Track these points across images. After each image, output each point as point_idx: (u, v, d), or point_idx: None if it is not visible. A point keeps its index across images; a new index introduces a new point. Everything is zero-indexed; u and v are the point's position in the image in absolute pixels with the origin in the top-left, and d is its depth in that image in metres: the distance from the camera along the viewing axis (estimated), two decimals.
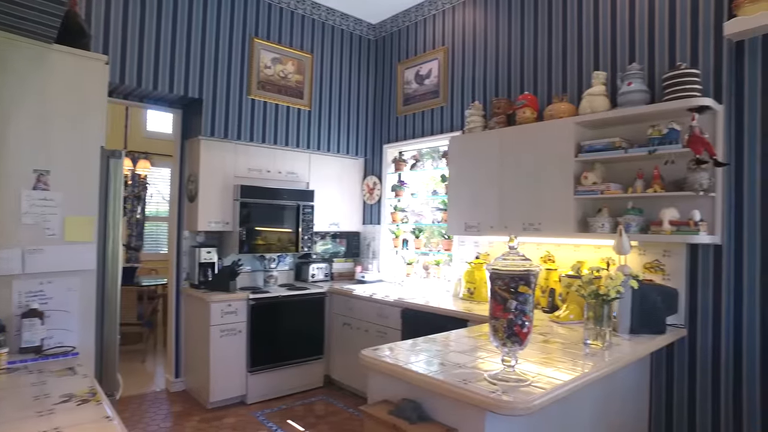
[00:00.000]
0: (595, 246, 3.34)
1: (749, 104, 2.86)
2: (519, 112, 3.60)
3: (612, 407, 2.64)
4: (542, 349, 2.35)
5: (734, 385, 2.83)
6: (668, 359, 3.02)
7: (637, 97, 3.00)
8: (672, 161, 2.89)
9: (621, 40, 3.32)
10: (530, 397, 1.65)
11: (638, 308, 2.66)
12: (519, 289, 1.69)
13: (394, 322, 3.93)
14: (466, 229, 3.81)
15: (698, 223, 2.71)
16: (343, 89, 5.16)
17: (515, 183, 3.47)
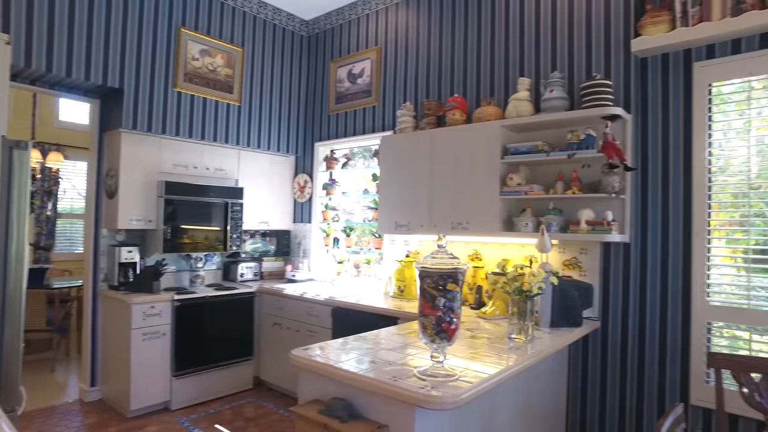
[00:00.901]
0: (519, 244, 3.51)
1: (652, 115, 3.13)
2: (449, 113, 3.70)
3: (534, 396, 2.79)
4: (470, 344, 2.43)
5: (638, 367, 3.10)
6: (584, 349, 3.24)
7: (558, 104, 3.18)
8: (588, 165, 3.10)
9: (544, 50, 3.50)
10: (458, 391, 1.71)
11: (558, 303, 2.82)
12: (447, 287, 1.74)
13: (324, 321, 3.92)
14: (397, 228, 3.86)
15: (610, 223, 2.93)
16: (274, 85, 5.06)
17: (445, 183, 3.56)
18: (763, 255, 2.84)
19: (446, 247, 1.83)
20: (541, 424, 2.91)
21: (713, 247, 2.96)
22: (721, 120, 2.96)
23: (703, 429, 2.89)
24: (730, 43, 2.90)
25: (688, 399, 2.94)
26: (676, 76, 3.06)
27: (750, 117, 2.90)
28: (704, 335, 2.92)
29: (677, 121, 3.05)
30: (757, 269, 2.87)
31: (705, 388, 2.86)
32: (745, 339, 2.89)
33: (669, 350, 3.01)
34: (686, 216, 2.99)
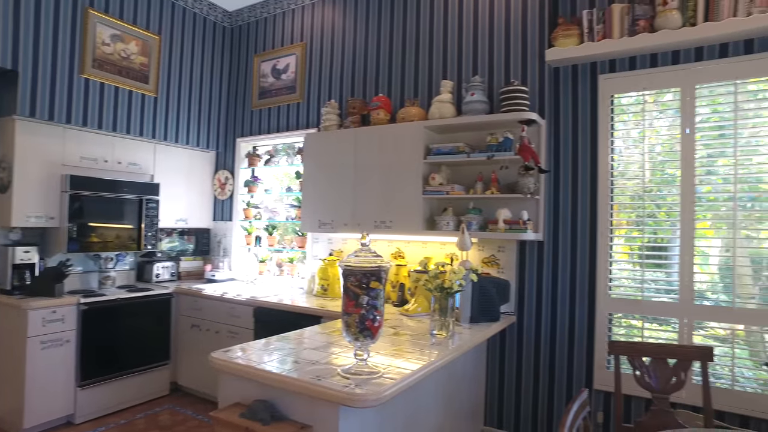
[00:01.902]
0: (441, 243, 3.61)
1: (563, 121, 3.35)
2: (373, 113, 3.73)
3: (455, 390, 2.89)
4: (393, 341, 2.47)
5: (550, 357, 3.31)
6: (501, 342, 3.40)
7: (479, 107, 3.31)
8: (506, 167, 3.26)
9: (466, 54, 3.63)
10: (381, 389, 1.73)
11: (477, 299, 2.95)
12: (370, 285, 1.76)
13: (246, 322, 3.82)
14: (320, 227, 3.84)
15: (526, 222, 3.10)
16: (194, 77, 4.83)
17: (368, 182, 3.59)
18: (654, 252, 3.14)
19: (369, 246, 1.85)
20: (461, 415, 3.03)
21: (614, 244, 3.22)
22: (621, 129, 3.23)
23: (604, 410, 3.14)
24: (627, 60, 3.17)
25: (592, 384, 3.18)
26: (584, 86, 3.30)
27: (644, 127, 3.18)
28: (606, 325, 3.17)
29: (585, 127, 3.28)
30: (649, 264, 3.16)
31: (606, 374, 3.11)
32: (638, 327, 3.17)
33: (576, 340, 3.25)
34: (592, 216, 3.23)
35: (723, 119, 2.96)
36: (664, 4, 2.94)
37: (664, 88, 3.10)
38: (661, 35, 2.94)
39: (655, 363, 2.38)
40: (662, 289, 3.09)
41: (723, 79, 2.92)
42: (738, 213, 2.88)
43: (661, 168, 3.16)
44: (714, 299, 2.99)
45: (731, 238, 2.89)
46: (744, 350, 2.94)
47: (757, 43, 2.85)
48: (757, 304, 2.86)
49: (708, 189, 2.99)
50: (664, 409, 2.31)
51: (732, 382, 2.86)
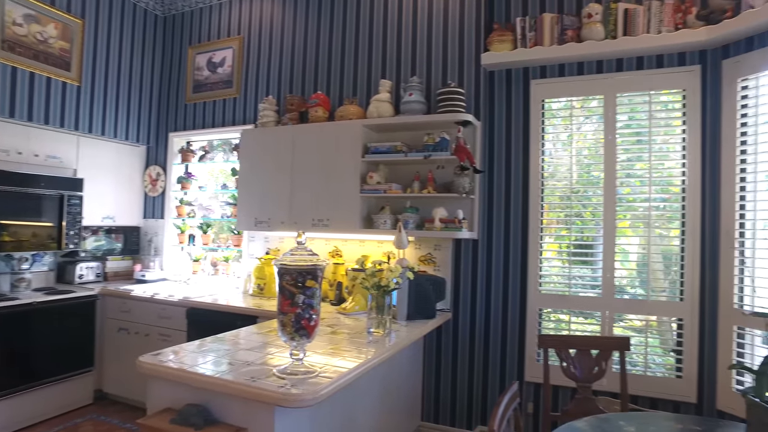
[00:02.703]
0: (378, 241, 3.64)
1: (498, 123, 3.47)
2: (312, 110, 3.70)
3: (392, 386, 2.92)
4: (330, 340, 2.46)
5: (484, 352, 3.42)
6: (437, 339, 3.47)
7: (416, 107, 3.36)
8: (442, 166, 3.33)
9: (405, 55, 3.67)
10: (317, 388, 1.72)
11: (414, 297, 2.99)
12: (306, 284, 1.75)
13: (178, 324, 3.67)
14: (257, 225, 3.77)
15: (461, 221, 3.18)
16: (123, 66, 4.58)
17: (306, 180, 3.56)
18: (580, 249, 3.32)
19: (306, 244, 1.83)
20: (399, 411, 3.07)
21: (545, 242, 3.38)
22: (551, 132, 3.39)
23: (534, 401, 3.29)
24: (557, 67, 3.33)
25: (523, 376, 3.32)
26: (517, 90, 3.43)
27: (572, 131, 3.36)
28: (537, 320, 3.32)
29: (518, 130, 3.41)
30: (576, 261, 3.34)
31: (536, 366, 3.25)
32: (566, 321, 3.35)
33: (509, 335, 3.38)
34: (524, 215, 3.37)
35: (640, 126, 3.18)
36: (589, 17, 3.12)
37: (589, 95, 3.28)
38: (586, 45, 3.12)
39: (580, 354, 2.52)
40: (588, 285, 3.28)
41: (639, 89, 3.14)
42: (652, 213, 3.10)
43: (587, 170, 3.34)
44: (632, 293, 3.21)
45: (646, 237, 3.12)
46: (656, 339, 3.19)
47: (666, 59, 3.09)
48: (667, 296, 3.11)
49: (627, 191, 3.20)
50: (587, 397, 2.45)
51: (645, 368, 3.09)
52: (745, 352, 2.80)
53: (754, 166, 2.81)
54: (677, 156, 3.07)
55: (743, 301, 2.83)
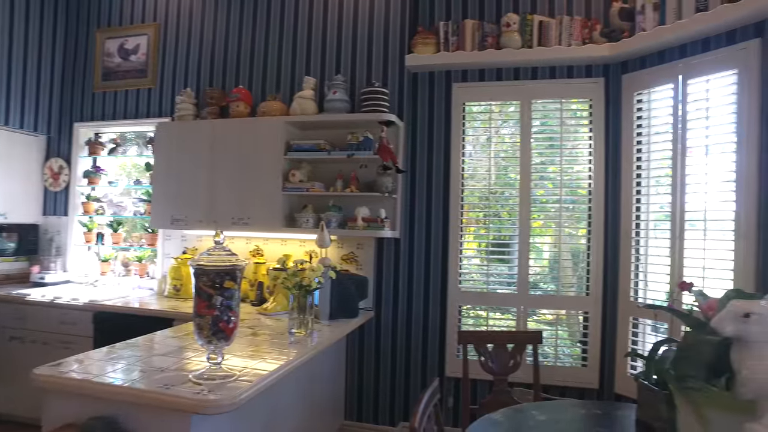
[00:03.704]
0: (300, 240, 3.59)
1: (420, 124, 3.54)
2: (233, 105, 3.58)
3: (315, 387, 2.89)
4: (250, 342, 2.40)
5: (406, 349, 3.48)
6: (360, 338, 3.49)
7: (340, 106, 3.35)
8: (365, 165, 3.34)
9: (329, 53, 3.64)
10: (236, 392, 1.67)
11: (336, 296, 2.98)
12: (225, 285, 1.69)
13: (84, 330, 3.40)
14: (173, 223, 3.58)
15: (384, 220, 3.22)
16: (16, 47, 4.14)
17: (226, 176, 3.44)
18: (497, 248, 3.48)
19: (224, 244, 1.77)
20: (322, 411, 3.05)
21: (464, 241, 3.50)
22: (472, 134, 3.52)
23: (454, 395, 3.40)
24: (478, 71, 3.46)
25: (444, 372, 3.41)
26: (439, 92, 3.52)
27: (491, 134, 3.50)
28: (457, 317, 3.43)
29: (440, 131, 3.51)
30: (494, 259, 3.50)
31: (456, 362, 3.36)
32: (484, 317, 3.49)
33: (430, 332, 3.46)
34: (445, 214, 3.47)
35: (552, 131, 3.38)
36: (508, 26, 3.27)
37: (507, 100, 3.44)
38: (504, 53, 3.26)
39: (497, 349, 2.63)
40: (504, 282, 3.44)
41: (552, 97, 3.34)
42: (562, 214, 3.31)
43: (504, 172, 3.50)
44: (544, 289, 3.41)
45: (557, 235, 3.32)
46: (565, 331, 3.41)
47: (576, 70, 3.31)
48: (575, 291, 3.34)
49: (541, 192, 3.39)
50: (504, 389, 2.57)
51: (555, 359, 3.30)
52: (638, 341, 3.06)
53: (647, 172, 3.08)
54: (585, 161, 3.30)
55: (638, 294, 3.09)
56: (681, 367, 1.42)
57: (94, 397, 1.72)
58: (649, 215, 3.07)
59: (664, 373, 1.58)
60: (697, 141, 2.84)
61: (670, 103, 2.96)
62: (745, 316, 1.24)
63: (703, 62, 2.82)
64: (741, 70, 2.65)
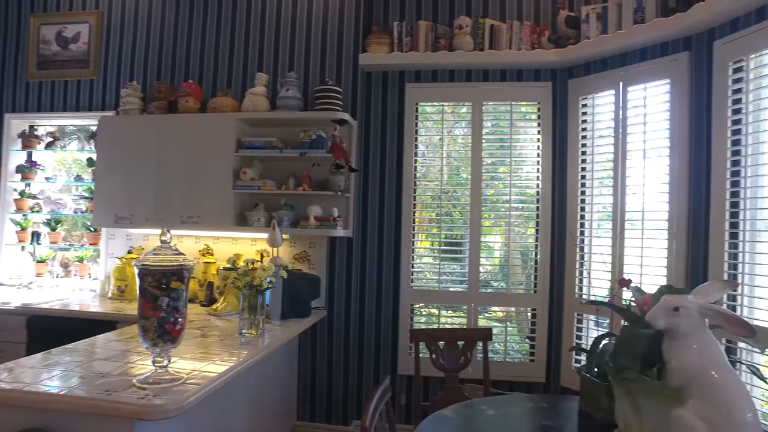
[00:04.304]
0: (251, 239, 3.53)
1: (374, 123, 3.55)
2: (182, 100, 3.47)
3: (267, 388, 2.85)
4: (199, 343, 2.34)
5: (359, 348, 3.49)
6: (312, 337, 3.46)
7: (293, 103, 3.32)
8: (318, 164, 3.32)
9: (283, 49, 3.59)
10: (183, 396, 1.62)
11: (288, 296, 2.95)
12: (171, 285, 1.63)
13: (15, 336, 3.19)
14: (117, 221, 3.44)
15: (336, 219, 3.21)
16: None
17: (174, 173, 3.33)
18: (449, 246, 3.54)
19: (171, 243, 1.71)
20: (274, 413, 3.01)
21: (417, 240, 3.53)
22: (424, 135, 3.56)
23: (406, 393, 3.44)
24: (431, 72, 3.50)
25: (396, 370, 3.44)
26: (393, 92, 3.54)
27: (443, 135, 3.56)
28: (409, 315, 3.46)
29: (393, 131, 3.53)
30: (446, 258, 3.55)
31: (409, 359, 3.39)
32: (436, 315, 3.54)
33: (383, 330, 3.48)
34: (397, 214, 3.50)
35: (502, 133, 3.47)
36: (460, 29, 3.32)
37: (459, 101, 3.50)
38: (457, 55, 3.32)
39: (448, 346, 2.68)
40: (456, 280, 3.50)
41: (503, 99, 3.43)
42: (512, 213, 3.41)
43: (456, 172, 3.56)
44: (495, 286, 3.50)
45: (507, 235, 3.41)
46: (514, 327, 3.51)
47: (525, 73, 3.42)
48: (524, 289, 3.44)
49: (492, 192, 3.47)
50: (455, 386, 2.61)
51: (505, 355, 3.39)
52: (582, 335, 3.20)
53: (591, 174, 3.21)
54: (533, 162, 3.41)
55: (582, 291, 3.22)
56: (619, 359, 1.50)
57: (27, 408, 1.62)
58: (593, 215, 3.21)
59: (604, 365, 1.66)
60: (636, 145, 2.99)
61: (612, 108, 3.10)
62: (675, 309, 1.32)
63: (641, 71, 2.97)
64: (673, 80, 2.82)
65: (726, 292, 2.13)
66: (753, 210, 2.43)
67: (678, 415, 1.29)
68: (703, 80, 2.71)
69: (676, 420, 1.29)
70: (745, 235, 2.45)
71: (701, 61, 2.72)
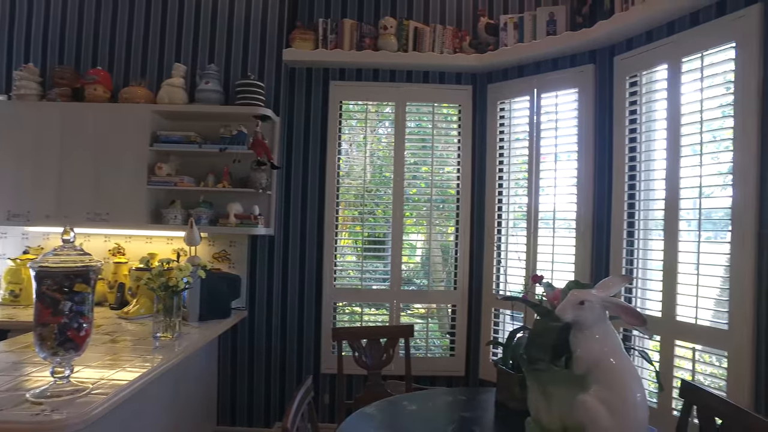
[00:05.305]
0: (167, 238, 3.35)
1: (297, 120, 3.50)
2: (89, 87, 3.21)
3: (185, 393, 2.73)
4: (108, 350, 2.18)
5: (281, 348, 3.43)
6: (233, 339, 3.35)
7: (213, 97, 3.19)
8: (239, 160, 3.21)
9: (203, 40, 3.43)
10: (89, 408, 1.50)
11: (206, 296, 2.84)
12: (75, 288, 1.51)
13: None
14: (11, 219, 3.12)
15: (258, 217, 3.13)
16: None
17: (80, 167, 3.08)
18: (372, 245, 3.57)
19: (75, 242, 1.58)
20: (193, 418, 2.88)
21: (340, 238, 3.53)
22: (348, 133, 3.56)
23: (330, 392, 3.42)
24: (355, 71, 3.51)
25: (320, 369, 3.42)
26: (317, 89, 3.50)
27: (367, 133, 3.58)
28: (332, 313, 3.45)
29: (317, 128, 3.49)
30: (369, 256, 3.58)
31: (332, 358, 3.38)
32: (359, 313, 3.56)
33: (306, 329, 3.44)
34: (320, 212, 3.47)
35: (425, 133, 3.55)
36: (385, 29, 3.36)
37: (383, 101, 3.53)
38: (381, 55, 3.35)
39: (371, 344, 2.70)
40: (379, 278, 3.53)
41: (425, 100, 3.51)
42: (433, 212, 3.50)
43: (379, 171, 3.60)
44: (417, 284, 3.57)
45: (428, 233, 3.50)
46: (435, 324, 3.61)
47: (447, 76, 3.52)
48: (445, 286, 3.55)
49: (414, 191, 3.54)
50: (378, 383, 2.64)
51: (426, 350, 3.48)
52: (499, 330, 3.35)
53: (508, 175, 3.38)
54: (454, 162, 3.52)
55: (499, 287, 3.38)
56: (531, 351, 1.58)
57: None
58: (509, 214, 3.37)
59: (519, 357, 1.75)
60: (549, 149, 3.19)
61: (527, 113, 3.27)
62: (580, 303, 1.42)
63: (553, 79, 3.17)
64: (580, 90, 3.05)
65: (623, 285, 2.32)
66: (646, 211, 2.68)
67: (581, 400, 1.39)
68: (606, 91, 2.95)
69: (580, 404, 1.39)
70: (640, 233, 2.70)
71: (604, 73, 2.96)
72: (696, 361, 2.38)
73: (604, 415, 1.34)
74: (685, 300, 2.41)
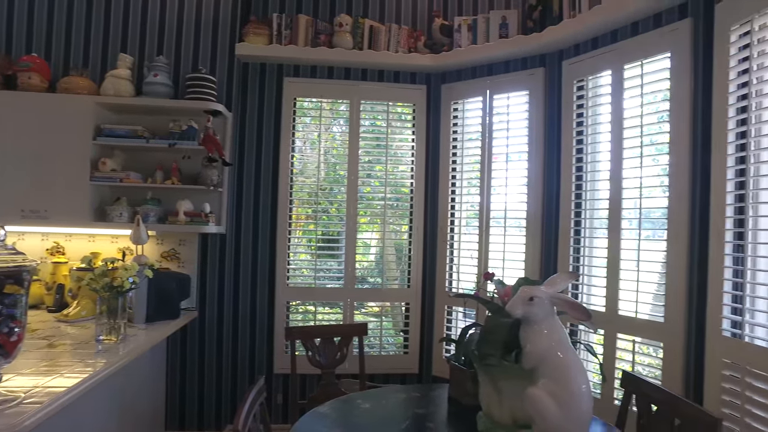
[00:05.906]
0: (112, 236, 3.21)
1: (250, 116, 3.43)
2: (22, 75, 3.01)
3: (130, 398, 2.62)
4: (45, 355, 2.07)
5: (233, 349, 3.36)
6: (182, 340, 3.25)
7: (162, 90, 3.08)
8: (189, 156, 3.12)
9: (151, 31, 3.30)
10: (19, 419, 1.40)
11: (154, 297, 2.73)
12: (5, 290, 1.42)
13: None
14: None
15: (208, 215, 3.05)
16: None
17: (13, 161, 2.89)
18: (326, 243, 3.55)
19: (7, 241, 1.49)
20: (139, 424, 2.78)
21: (293, 237, 3.49)
22: (302, 130, 3.53)
23: (283, 391, 3.38)
24: (310, 68, 3.47)
25: (273, 369, 3.37)
26: (270, 85, 3.44)
27: (321, 131, 3.55)
28: (285, 313, 3.40)
29: (270, 125, 3.44)
30: (322, 255, 3.56)
31: (285, 358, 3.34)
32: (313, 312, 3.53)
33: (258, 329, 3.38)
34: (273, 210, 3.42)
35: (379, 132, 3.56)
36: (340, 26, 3.34)
37: (337, 98, 3.52)
38: (336, 52, 3.33)
39: (324, 343, 2.68)
40: (333, 277, 3.51)
41: (380, 99, 3.52)
42: (387, 211, 3.51)
43: (333, 169, 3.58)
44: (371, 282, 3.58)
45: (382, 232, 3.51)
46: (389, 321, 3.63)
47: (402, 75, 3.54)
48: (399, 284, 3.57)
49: (368, 190, 3.54)
50: (332, 382, 2.63)
51: (380, 349, 3.49)
52: (452, 327, 3.41)
53: (461, 174, 3.44)
54: (408, 161, 3.54)
55: (452, 285, 3.44)
56: (483, 347, 1.62)
57: None
58: (462, 213, 3.43)
59: (471, 353, 1.79)
60: (501, 149, 3.26)
61: (479, 114, 3.34)
62: (530, 299, 1.47)
63: (505, 81, 3.25)
64: (531, 92, 3.14)
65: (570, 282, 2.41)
66: (591, 210, 2.79)
67: (530, 393, 1.43)
68: (555, 94, 3.05)
69: (529, 397, 1.43)
70: (586, 231, 2.82)
71: (553, 76, 3.06)
72: (636, 352, 2.51)
73: (551, 407, 1.39)
74: (626, 295, 2.53)
